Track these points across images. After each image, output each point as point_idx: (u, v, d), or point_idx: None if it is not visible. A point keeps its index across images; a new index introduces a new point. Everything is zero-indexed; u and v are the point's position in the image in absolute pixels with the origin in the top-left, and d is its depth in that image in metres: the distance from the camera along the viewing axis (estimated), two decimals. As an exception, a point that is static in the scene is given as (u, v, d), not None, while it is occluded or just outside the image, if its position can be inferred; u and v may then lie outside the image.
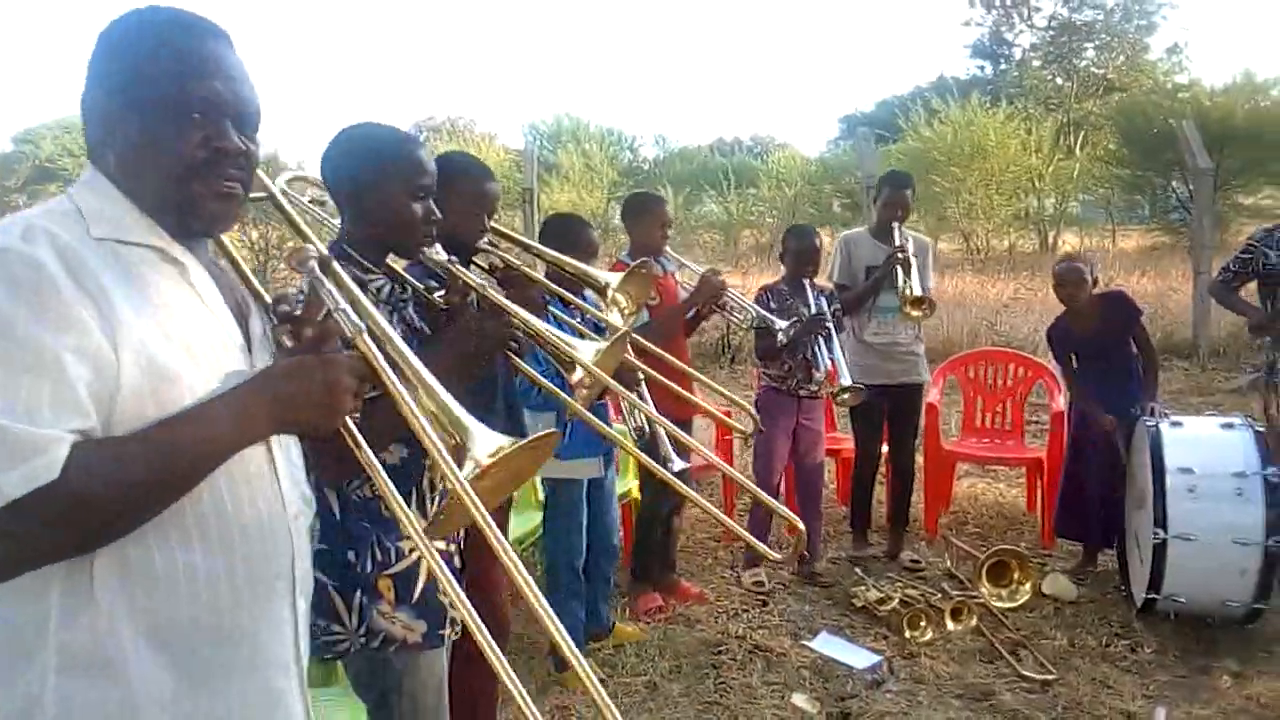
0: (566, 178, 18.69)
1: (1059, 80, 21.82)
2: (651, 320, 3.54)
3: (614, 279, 2.39)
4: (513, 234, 2.47)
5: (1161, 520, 3.46)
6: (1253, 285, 4.14)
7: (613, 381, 1.95)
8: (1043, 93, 20.87)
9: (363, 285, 1.64)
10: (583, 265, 2.49)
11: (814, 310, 3.81)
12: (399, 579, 1.77)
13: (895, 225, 4.08)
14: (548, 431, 1.38)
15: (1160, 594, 3.51)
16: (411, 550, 1.77)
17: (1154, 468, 3.55)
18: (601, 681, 3.15)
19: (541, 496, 3.73)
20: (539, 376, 2.05)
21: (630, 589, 3.89)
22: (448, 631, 1.86)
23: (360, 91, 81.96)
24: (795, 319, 3.79)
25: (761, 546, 2.12)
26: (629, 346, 2.53)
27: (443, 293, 1.86)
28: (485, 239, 2.14)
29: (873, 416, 4.25)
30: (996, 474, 5.55)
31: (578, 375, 1.92)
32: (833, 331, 3.81)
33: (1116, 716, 2.99)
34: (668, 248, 3.71)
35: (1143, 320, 4.21)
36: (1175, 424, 3.68)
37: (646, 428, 3.05)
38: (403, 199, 1.76)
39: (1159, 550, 3.47)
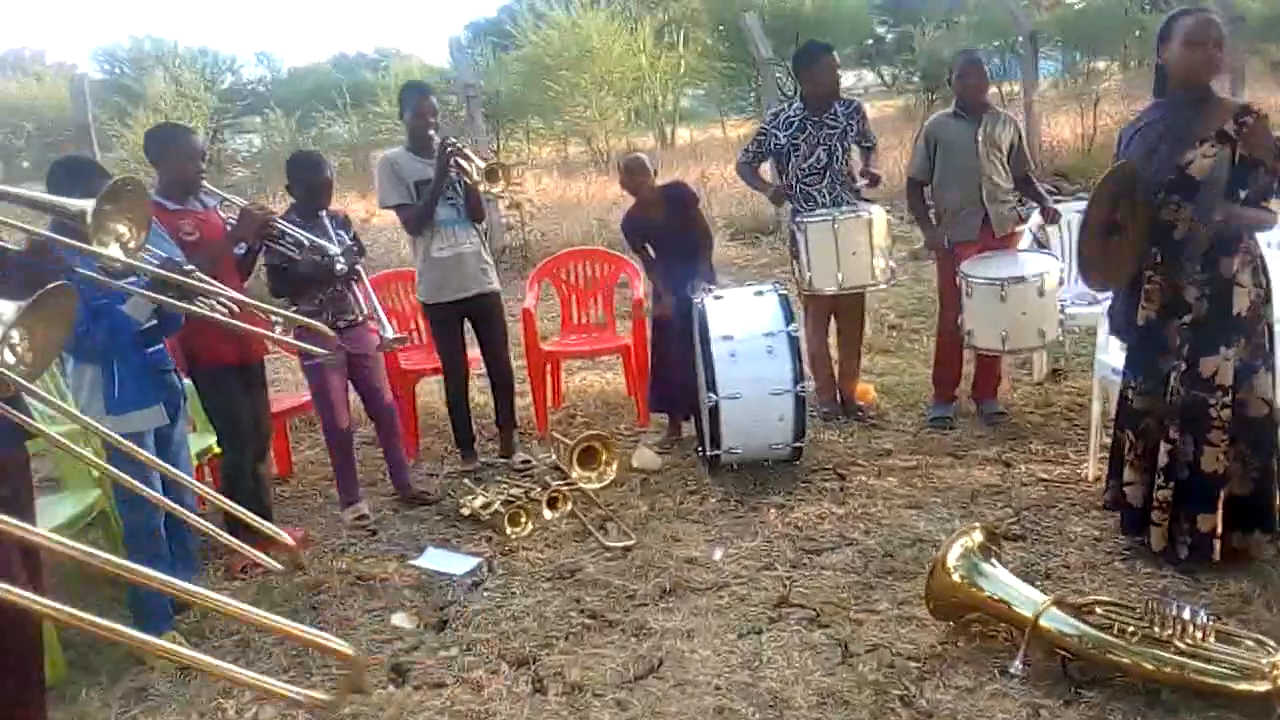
0: (156, 108, 16.61)
1: (657, -23, 22.91)
2: (191, 257, 3.29)
3: (89, 205, 2.12)
4: None
5: (712, 384, 3.88)
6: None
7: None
8: (642, -9, 21.85)
9: None
10: (35, 195, 2.17)
11: (346, 245, 3.66)
12: None
13: (431, 134, 4.07)
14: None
15: (721, 449, 3.96)
16: None
17: (701, 338, 3.95)
18: (187, 652, 3.01)
19: (95, 474, 3.41)
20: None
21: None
22: None
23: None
24: (349, 247, 3.68)
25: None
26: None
27: None
28: None
29: (452, 332, 4.30)
30: (606, 364, 5.91)
31: None
32: (362, 273, 3.75)
33: (681, 564, 3.36)
34: (206, 182, 3.45)
35: (699, 205, 4.60)
36: (717, 297, 4.10)
37: None
38: None
39: (714, 411, 3.89)
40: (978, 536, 2.82)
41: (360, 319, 3.83)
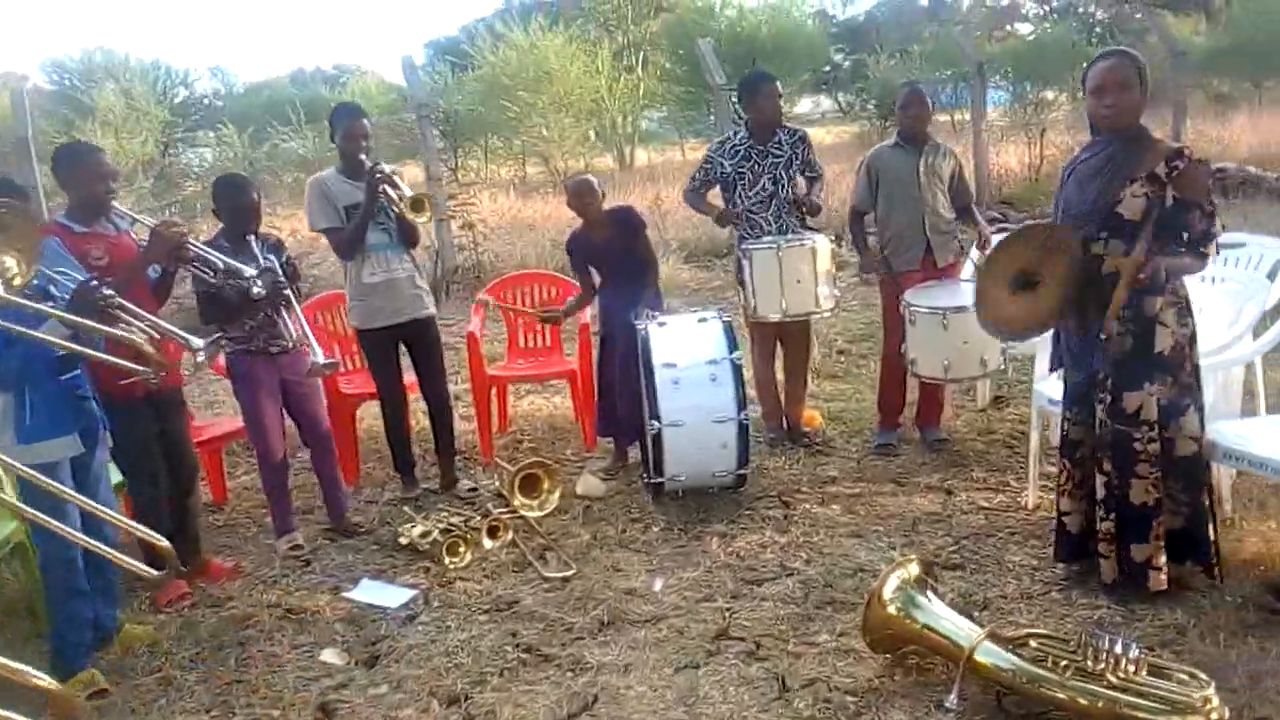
0: (105, 121, 16.29)
1: (616, 1, 23.03)
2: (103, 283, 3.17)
3: None
4: None
5: (655, 412, 3.85)
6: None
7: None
8: (601, 14, 21.89)
9: None
10: None
11: (263, 267, 3.55)
12: None
13: (362, 158, 3.99)
14: None
15: (664, 477, 3.93)
16: None
17: (644, 366, 3.92)
18: (104, 692, 2.89)
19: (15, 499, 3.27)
20: None
21: (154, 580, 3.57)
22: None
23: None
24: (266, 269, 3.57)
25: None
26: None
27: None
28: None
29: (387, 358, 4.22)
30: (554, 388, 5.84)
31: None
32: (292, 298, 3.66)
33: (621, 596, 3.31)
34: (116, 203, 3.35)
35: (646, 231, 4.58)
36: (661, 324, 4.07)
37: None
38: None
39: (657, 439, 3.86)
40: (914, 569, 2.81)
41: (292, 345, 3.73)
